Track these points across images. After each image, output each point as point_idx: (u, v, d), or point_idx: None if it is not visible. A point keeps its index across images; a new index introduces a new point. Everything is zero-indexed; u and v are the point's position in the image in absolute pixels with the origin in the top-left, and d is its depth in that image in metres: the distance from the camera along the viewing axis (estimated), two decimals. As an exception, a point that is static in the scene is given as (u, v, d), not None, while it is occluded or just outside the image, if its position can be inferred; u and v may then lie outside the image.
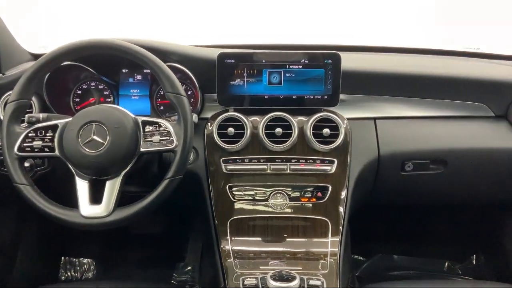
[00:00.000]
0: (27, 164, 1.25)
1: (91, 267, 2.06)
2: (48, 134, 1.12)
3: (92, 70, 1.41)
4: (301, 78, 1.33)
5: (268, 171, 1.32)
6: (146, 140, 1.12)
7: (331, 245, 1.27)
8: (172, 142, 1.11)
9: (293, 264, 1.24)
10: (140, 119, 1.14)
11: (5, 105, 1.23)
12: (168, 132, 1.11)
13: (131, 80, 1.47)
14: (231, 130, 1.30)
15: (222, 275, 1.22)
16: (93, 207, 1.08)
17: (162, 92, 1.45)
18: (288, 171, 1.31)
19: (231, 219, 1.31)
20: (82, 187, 1.10)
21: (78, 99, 1.47)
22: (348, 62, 1.37)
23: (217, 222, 1.31)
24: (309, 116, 1.32)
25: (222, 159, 1.32)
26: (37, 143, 1.11)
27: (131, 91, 1.47)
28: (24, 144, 1.10)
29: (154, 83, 1.45)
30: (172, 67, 1.29)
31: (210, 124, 1.35)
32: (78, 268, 2.06)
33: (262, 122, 1.31)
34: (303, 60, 1.32)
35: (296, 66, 1.32)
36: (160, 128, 1.12)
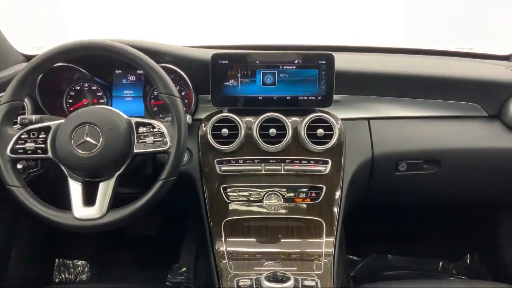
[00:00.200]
0: (19, 166, 1.24)
1: (85, 269, 2.06)
2: (40, 136, 1.11)
3: (85, 71, 1.41)
4: (295, 78, 1.33)
5: (263, 172, 1.31)
6: (140, 141, 1.11)
7: (325, 245, 1.28)
8: (165, 143, 1.10)
9: (287, 264, 1.24)
10: (133, 120, 1.14)
11: None
12: (162, 133, 1.11)
13: (124, 81, 1.46)
14: (225, 131, 1.30)
15: (217, 276, 1.22)
16: (86, 209, 1.07)
17: (155, 93, 1.45)
18: (282, 172, 1.31)
19: (225, 220, 1.30)
20: (75, 189, 1.09)
21: (71, 101, 1.47)
22: (342, 62, 1.37)
23: (211, 223, 1.31)
24: (303, 117, 1.32)
25: (216, 160, 1.32)
26: (29, 145, 1.10)
27: (125, 92, 1.46)
28: (17, 146, 1.10)
29: (147, 84, 1.45)
30: (166, 68, 1.29)
31: (204, 125, 1.35)
32: (72, 270, 2.05)
33: (256, 122, 1.31)
34: (296, 61, 1.32)
35: (290, 67, 1.32)
36: (154, 129, 1.12)
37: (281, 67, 1.33)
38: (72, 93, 1.47)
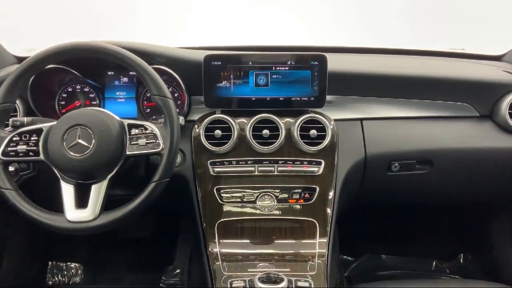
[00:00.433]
0: (11, 169, 1.23)
1: (79, 272, 2.04)
2: (32, 138, 1.11)
3: (77, 73, 1.40)
4: (287, 79, 1.33)
5: (256, 173, 1.31)
6: (132, 143, 1.11)
7: (319, 246, 1.28)
8: (158, 145, 1.10)
9: (281, 266, 1.24)
10: (126, 122, 1.13)
11: None
12: (154, 135, 1.11)
13: (117, 82, 1.46)
14: (218, 132, 1.29)
15: (210, 278, 1.22)
16: (78, 212, 1.07)
17: (148, 95, 1.44)
18: (275, 173, 1.31)
19: (219, 221, 1.30)
20: (68, 191, 1.09)
21: (64, 102, 1.46)
22: (335, 63, 1.37)
23: (204, 225, 1.30)
24: (296, 118, 1.32)
25: (209, 162, 1.32)
26: (21, 147, 1.10)
27: (117, 93, 1.46)
28: (9, 148, 1.09)
29: (140, 85, 1.44)
30: (158, 70, 1.29)
31: (197, 126, 1.35)
32: (65, 272, 2.04)
33: (249, 124, 1.31)
34: (289, 62, 1.32)
35: (283, 68, 1.33)
36: (146, 131, 1.11)
37: (274, 68, 1.33)
38: (64, 95, 1.46)
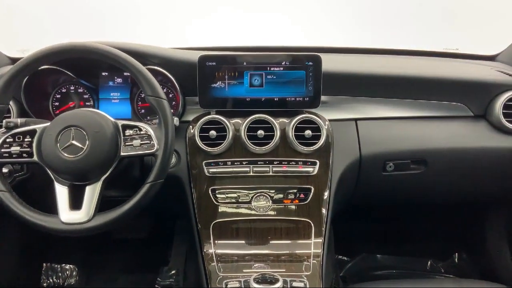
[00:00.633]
0: (5, 170, 1.23)
1: (74, 273, 2.04)
2: (26, 140, 1.10)
3: (71, 74, 1.40)
4: (282, 80, 1.33)
5: (251, 174, 1.31)
6: (127, 144, 1.11)
7: (314, 246, 1.28)
8: (153, 146, 1.10)
9: (276, 266, 1.24)
10: (120, 123, 1.13)
11: None
12: (149, 135, 1.11)
13: (111, 83, 1.45)
14: (213, 133, 1.29)
15: (205, 279, 1.22)
16: (73, 213, 1.06)
17: (143, 95, 1.44)
18: (270, 173, 1.31)
19: (214, 222, 1.30)
20: (62, 193, 1.08)
21: (57, 103, 1.45)
22: (329, 63, 1.37)
23: (199, 226, 1.30)
24: (291, 118, 1.32)
25: (204, 162, 1.32)
26: (15, 149, 1.09)
27: (112, 94, 1.45)
28: (2, 149, 1.09)
29: (134, 86, 1.44)
30: (152, 70, 1.28)
31: (192, 127, 1.35)
32: (60, 274, 2.03)
33: (244, 124, 1.31)
34: (284, 62, 1.32)
35: (277, 68, 1.33)
36: (141, 132, 1.11)
37: (268, 68, 1.33)
38: (58, 96, 1.45)
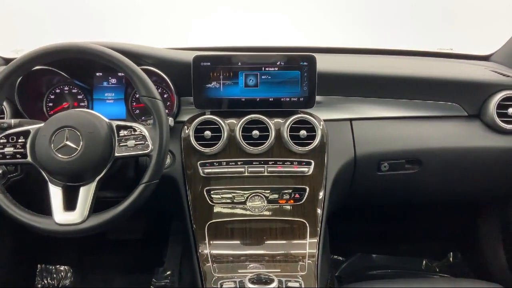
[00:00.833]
0: (-1, 171, 1.23)
1: (68, 274, 2.03)
2: (20, 140, 1.10)
3: (65, 74, 1.39)
4: (277, 80, 1.33)
5: (246, 174, 1.31)
6: (121, 144, 1.10)
7: (309, 246, 1.28)
8: (147, 146, 1.10)
9: (271, 266, 1.24)
10: (114, 123, 1.12)
11: None
12: (143, 136, 1.10)
13: (105, 83, 1.45)
14: (208, 133, 1.29)
15: (200, 279, 1.21)
16: (67, 214, 1.06)
17: (137, 96, 1.43)
18: (265, 174, 1.31)
19: (209, 222, 1.30)
20: (56, 194, 1.08)
21: (51, 104, 1.45)
22: (324, 64, 1.37)
23: (194, 226, 1.30)
24: (285, 118, 1.33)
25: (199, 163, 1.31)
26: (8, 150, 1.09)
27: (106, 94, 1.45)
28: None
29: (129, 86, 1.44)
30: (147, 71, 1.28)
31: (186, 127, 1.34)
32: (55, 275, 2.02)
33: (239, 124, 1.31)
34: (279, 62, 1.32)
35: (272, 69, 1.32)
36: (135, 132, 1.11)
37: (263, 68, 1.33)
38: (52, 96, 1.45)
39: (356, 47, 1.88)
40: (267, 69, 1.32)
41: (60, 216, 1.06)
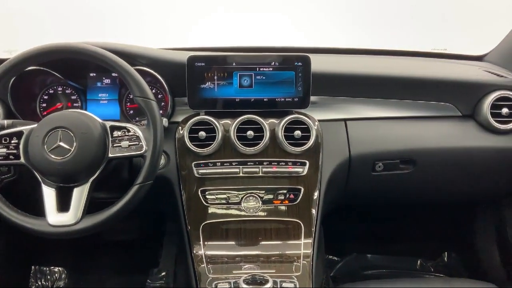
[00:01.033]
0: (-9, 172, 1.22)
1: (63, 276, 2.02)
2: (13, 141, 1.09)
3: (58, 75, 1.38)
4: (271, 80, 1.33)
5: (241, 174, 1.31)
6: (115, 145, 1.10)
7: (304, 247, 1.28)
8: (141, 147, 1.09)
9: (266, 267, 1.24)
10: (108, 124, 1.12)
11: None
12: (137, 137, 1.10)
13: (99, 84, 1.44)
14: (202, 134, 1.29)
15: (195, 280, 1.21)
16: (60, 215, 1.05)
17: (131, 96, 1.43)
18: (260, 174, 1.31)
19: (203, 223, 1.29)
20: (49, 195, 1.07)
21: (45, 105, 1.44)
22: (318, 64, 1.37)
23: (189, 227, 1.30)
24: (280, 119, 1.32)
25: (193, 163, 1.31)
26: (1, 151, 1.08)
27: (100, 95, 1.44)
28: None
29: (123, 87, 1.43)
30: (141, 71, 1.27)
31: (181, 128, 1.34)
32: (49, 277, 2.01)
33: (233, 125, 1.30)
34: (273, 63, 1.32)
35: (267, 69, 1.32)
36: (129, 133, 1.10)
37: (258, 69, 1.32)
38: (46, 97, 1.44)
39: (351, 48, 1.88)
40: (261, 69, 1.32)
41: (54, 217, 1.05)
